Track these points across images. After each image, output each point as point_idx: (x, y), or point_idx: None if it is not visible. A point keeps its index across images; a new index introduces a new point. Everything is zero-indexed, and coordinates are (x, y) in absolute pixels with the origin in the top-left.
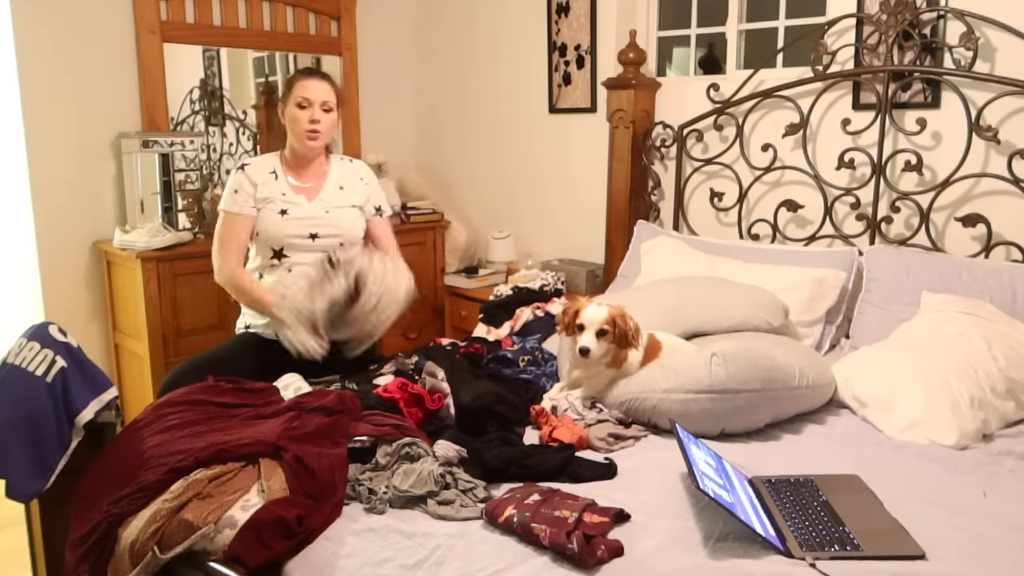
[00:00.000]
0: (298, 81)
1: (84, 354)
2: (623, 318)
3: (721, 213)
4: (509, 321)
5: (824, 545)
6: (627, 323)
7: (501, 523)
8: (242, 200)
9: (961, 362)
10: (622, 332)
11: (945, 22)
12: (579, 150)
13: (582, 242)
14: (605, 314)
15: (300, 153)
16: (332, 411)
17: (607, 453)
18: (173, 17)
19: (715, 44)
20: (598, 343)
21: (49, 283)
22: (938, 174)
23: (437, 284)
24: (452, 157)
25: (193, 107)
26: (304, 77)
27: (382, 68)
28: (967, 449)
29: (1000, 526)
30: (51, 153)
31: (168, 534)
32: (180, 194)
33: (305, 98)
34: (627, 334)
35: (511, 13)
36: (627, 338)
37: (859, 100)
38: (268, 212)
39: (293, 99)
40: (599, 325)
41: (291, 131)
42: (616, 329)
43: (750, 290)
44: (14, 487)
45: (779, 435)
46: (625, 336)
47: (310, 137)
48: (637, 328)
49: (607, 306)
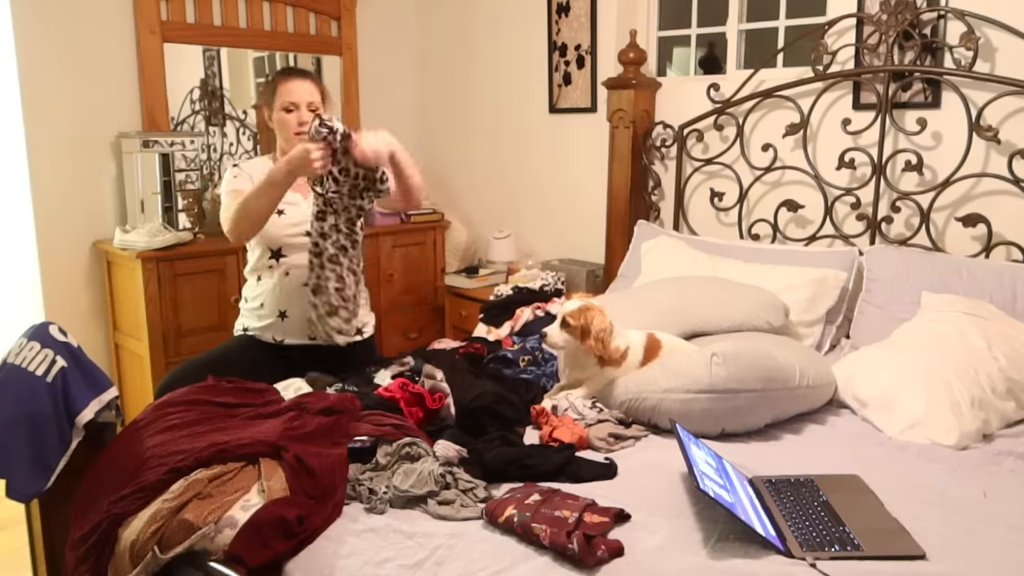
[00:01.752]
0: (281, 84)
1: (84, 354)
2: (589, 313)
3: (721, 213)
4: (509, 321)
5: (824, 545)
6: (590, 318)
7: (501, 523)
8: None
9: (961, 362)
10: (584, 327)
11: (945, 22)
12: (579, 150)
13: (582, 242)
14: (574, 307)
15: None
16: (332, 411)
17: (607, 453)
18: (173, 17)
19: (715, 44)
20: (560, 332)
21: (49, 283)
22: (938, 174)
23: (437, 284)
24: (452, 157)
25: (193, 107)
26: (286, 79)
27: (382, 68)
28: (967, 449)
29: (1000, 526)
30: (51, 153)
31: (168, 534)
32: (180, 194)
33: (291, 102)
34: (588, 329)
35: (511, 13)
36: (588, 333)
37: (859, 100)
38: None
39: (279, 103)
40: (564, 316)
41: (280, 134)
42: (581, 323)
43: (750, 290)
44: (14, 487)
45: (779, 435)
46: (587, 331)
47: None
48: (605, 327)
49: (584, 302)
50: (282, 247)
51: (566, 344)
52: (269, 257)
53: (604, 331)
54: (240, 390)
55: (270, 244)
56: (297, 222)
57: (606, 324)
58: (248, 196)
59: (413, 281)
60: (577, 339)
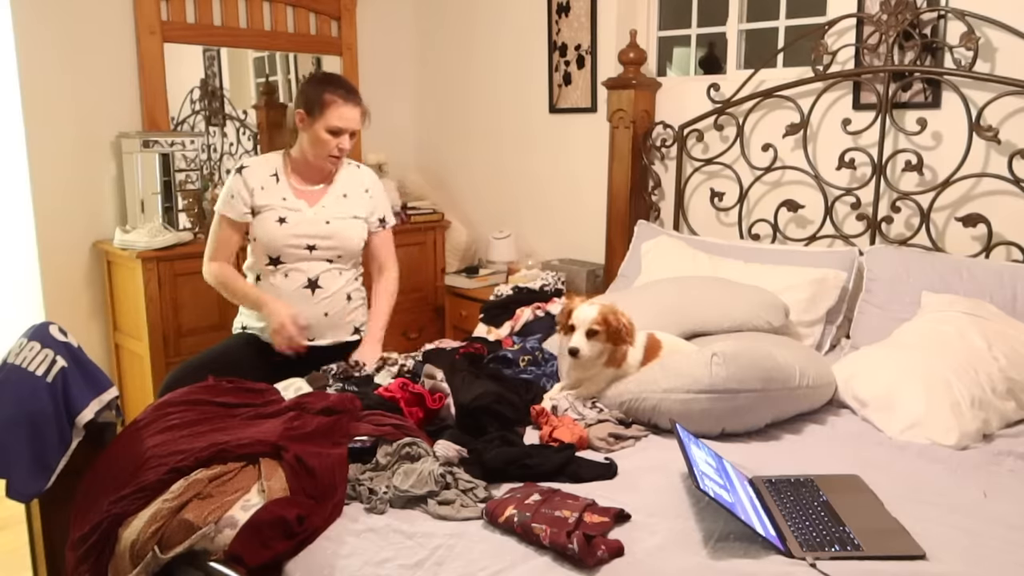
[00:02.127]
0: (334, 105)
1: (84, 354)
2: (614, 315)
3: (721, 213)
4: (509, 321)
5: (824, 545)
6: (619, 320)
7: (501, 523)
8: (237, 205)
9: (961, 362)
10: (614, 329)
11: (945, 22)
12: (579, 150)
13: (582, 242)
14: (595, 313)
15: (314, 165)
16: (332, 411)
17: (607, 453)
18: (173, 17)
19: (715, 44)
20: (589, 343)
21: (49, 283)
22: (938, 174)
23: (437, 284)
24: (452, 157)
25: (193, 107)
26: (341, 102)
27: (382, 68)
28: (967, 449)
29: (1000, 526)
30: (51, 153)
31: (168, 534)
32: (180, 194)
33: (339, 127)
34: (619, 331)
35: (511, 13)
36: (620, 335)
37: (859, 100)
38: (266, 219)
39: (325, 122)
40: (589, 325)
41: (311, 147)
42: (608, 327)
43: (750, 290)
44: (14, 487)
45: (779, 435)
46: (618, 333)
47: (332, 161)
48: (630, 324)
49: (598, 305)
50: (281, 255)
51: (600, 353)
52: (267, 264)
53: (630, 324)
54: (240, 390)
55: (270, 252)
56: (299, 233)
57: (627, 318)
58: (234, 285)
59: (413, 281)
60: (605, 343)
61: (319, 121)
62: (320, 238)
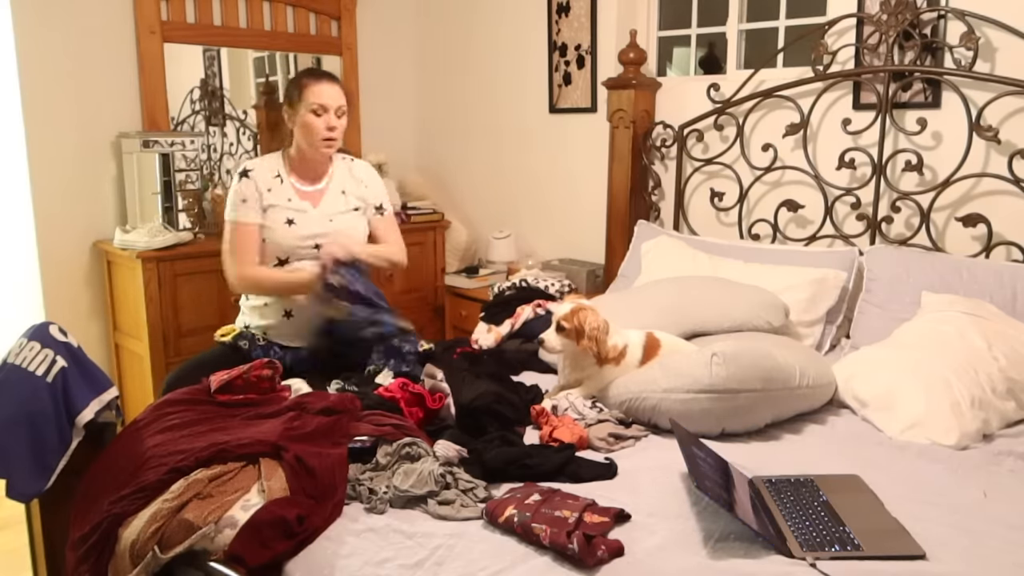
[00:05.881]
0: (310, 86)
1: (84, 354)
2: (583, 313)
3: (721, 213)
4: (510, 319)
5: (824, 545)
6: (581, 319)
7: (501, 523)
8: (251, 207)
9: (961, 362)
10: (577, 328)
11: (945, 22)
12: (579, 150)
13: (582, 242)
14: (567, 310)
15: (311, 157)
16: (332, 411)
17: (607, 453)
18: (173, 17)
19: (715, 44)
20: (557, 337)
21: (49, 283)
22: (938, 174)
23: (437, 284)
24: (452, 157)
25: (193, 107)
26: (315, 81)
27: (382, 68)
28: (968, 449)
29: (1000, 526)
30: (51, 153)
31: (168, 534)
32: (180, 194)
33: (320, 105)
34: (582, 330)
35: (511, 13)
36: (582, 334)
37: (859, 100)
38: (274, 220)
39: (306, 105)
40: (559, 320)
41: (303, 137)
42: (575, 324)
43: (750, 290)
44: (14, 487)
45: (779, 435)
46: (581, 331)
47: (327, 145)
48: (597, 327)
49: (573, 304)
50: (290, 257)
51: (564, 347)
52: (274, 265)
53: (597, 329)
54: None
55: (279, 254)
56: (306, 235)
57: (599, 322)
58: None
59: (413, 281)
60: (573, 341)
61: (301, 105)
62: (326, 235)
